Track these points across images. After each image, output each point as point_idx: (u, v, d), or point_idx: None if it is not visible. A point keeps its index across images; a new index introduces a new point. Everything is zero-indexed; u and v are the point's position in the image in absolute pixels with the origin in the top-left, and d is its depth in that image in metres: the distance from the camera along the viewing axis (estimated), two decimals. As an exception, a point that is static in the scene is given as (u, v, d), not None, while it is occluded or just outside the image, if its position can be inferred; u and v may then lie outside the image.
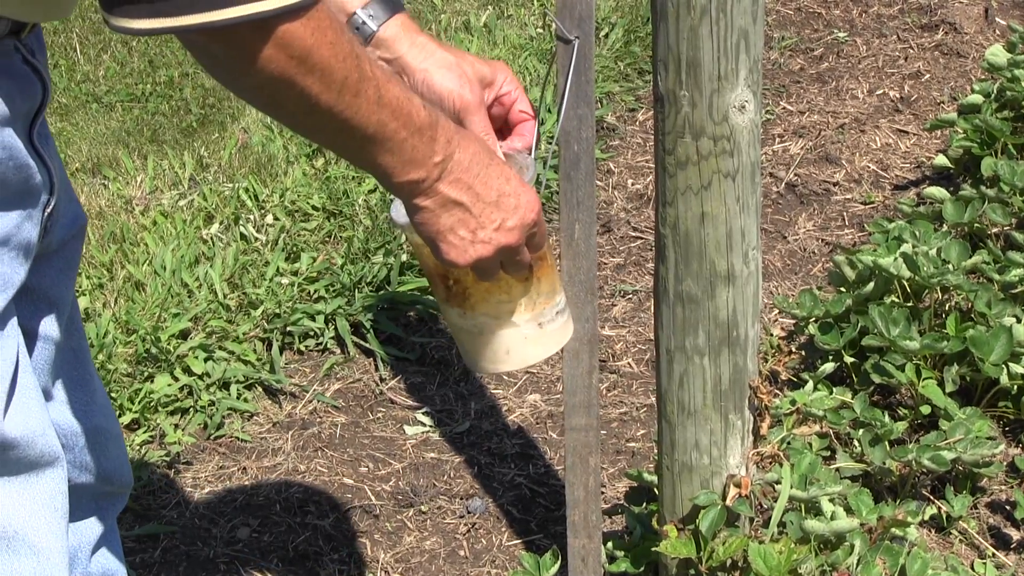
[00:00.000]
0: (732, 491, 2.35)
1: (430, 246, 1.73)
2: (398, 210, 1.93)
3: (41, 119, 1.64)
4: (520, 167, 2.00)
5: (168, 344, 3.39)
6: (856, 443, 2.93)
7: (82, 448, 1.93)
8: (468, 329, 1.98)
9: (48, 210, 1.67)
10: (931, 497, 2.90)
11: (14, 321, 1.59)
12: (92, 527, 2.00)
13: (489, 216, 1.70)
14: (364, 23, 1.85)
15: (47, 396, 1.75)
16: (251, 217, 3.94)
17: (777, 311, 3.58)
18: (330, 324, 3.58)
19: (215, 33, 1.38)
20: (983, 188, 3.60)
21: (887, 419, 2.93)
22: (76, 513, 1.91)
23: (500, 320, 1.97)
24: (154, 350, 3.36)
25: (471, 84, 1.88)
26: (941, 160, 4.04)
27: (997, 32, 4.94)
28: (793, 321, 3.44)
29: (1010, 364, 3.02)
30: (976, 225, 3.49)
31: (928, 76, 4.74)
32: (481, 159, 1.68)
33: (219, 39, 1.39)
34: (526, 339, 2.00)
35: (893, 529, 2.56)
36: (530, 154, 2.00)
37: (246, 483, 3.17)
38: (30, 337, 1.74)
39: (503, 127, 1.98)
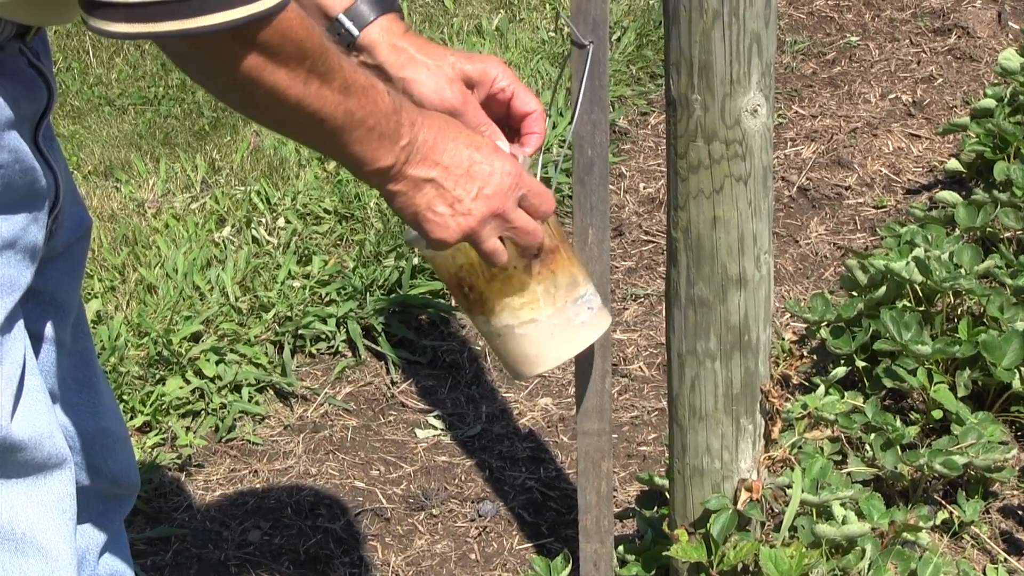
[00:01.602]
0: (743, 495, 2.35)
1: (418, 231, 1.73)
2: (408, 231, 1.93)
3: (46, 122, 1.64)
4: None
5: (180, 347, 3.39)
6: (868, 447, 2.93)
7: (89, 450, 1.93)
8: (496, 333, 1.97)
9: (54, 213, 1.67)
10: (943, 502, 2.89)
11: (21, 324, 1.59)
12: (100, 529, 2.01)
13: (464, 187, 1.70)
14: (345, 30, 1.86)
15: (53, 398, 1.76)
16: (263, 220, 3.94)
17: (789, 315, 3.58)
18: (342, 327, 3.58)
19: (190, 38, 1.39)
20: (996, 192, 3.60)
21: (899, 423, 2.92)
22: (83, 515, 1.91)
23: (521, 319, 1.96)
24: (166, 353, 3.36)
25: (452, 84, 1.89)
26: (953, 164, 4.04)
27: (1010, 36, 4.93)
28: (805, 325, 3.43)
29: (1022, 368, 3.01)
30: (988, 229, 3.49)
31: (941, 80, 4.74)
32: (446, 133, 1.69)
33: (193, 43, 1.41)
34: (552, 335, 1.98)
35: (905, 534, 2.55)
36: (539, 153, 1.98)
37: (257, 486, 3.17)
38: (37, 339, 1.74)
39: (509, 124, 1.97)
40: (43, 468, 1.62)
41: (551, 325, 1.98)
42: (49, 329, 1.79)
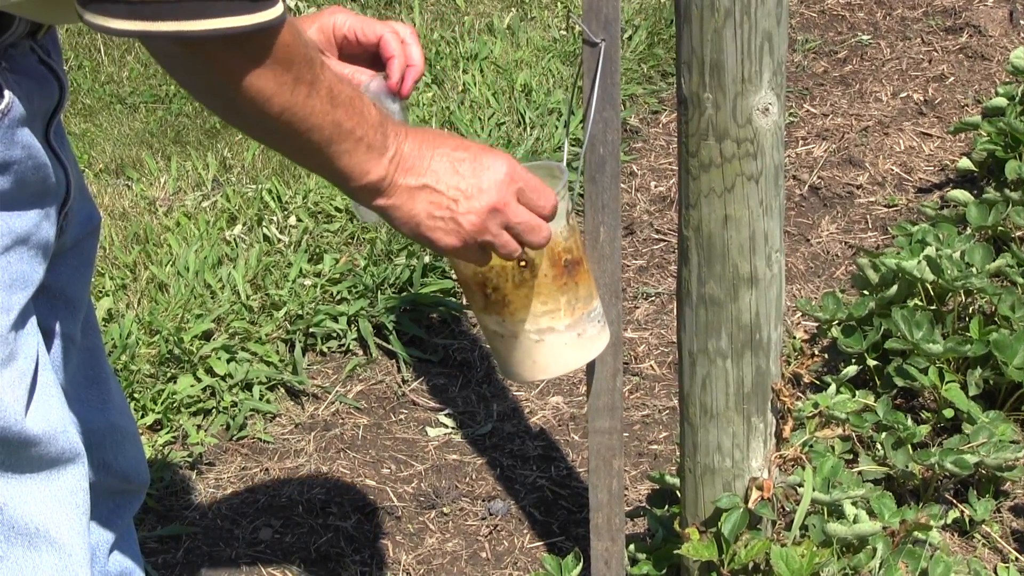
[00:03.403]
0: (754, 494, 2.35)
1: (422, 243, 1.71)
2: None
3: (58, 119, 1.65)
4: (551, 174, 2.01)
5: (191, 345, 3.40)
6: (879, 446, 2.92)
7: (99, 446, 1.94)
8: (507, 337, 1.98)
9: (64, 210, 1.67)
10: (954, 501, 2.89)
11: (34, 320, 1.60)
12: (109, 526, 2.01)
13: (457, 187, 1.68)
14: None
15: (63, 394, 1.76)
16: (274, 218, 3.94)
17: (800, 314, 3.58)
18: (352, 326, 3.58)
19: (185, 41, 1.39)
20: (1007, 191, 3.59)
21: (910, 422, 2.92)
22: (93, 512, 1.91)
23: (540, 326, 1.97)
24: (177, 351, 3.36)
25: (322, 32, 1.87)
26: (965, 163, 4.03)
27: (1022, 35, 4.92)
28: (816, 324, 3.43)
29: (1034, 368, 3.01)
30: (1000, 228, 3.48)
31: (952, 79, 4.73)
32: (431, 141, 1.67)
33: (184, 45, 1.41)
34: (566, 345, 2.00)
35: (916, 533, 2.55)
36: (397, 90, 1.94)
37: (268, 484, 3.18)
38: (47, 335, 1.75)
39: (376, 65, 1.92)
40: (57, 463, 1.62)
41: (566, 336, 1.99)
42: (60, 325, 1.80)
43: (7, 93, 1.50)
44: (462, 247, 1.72)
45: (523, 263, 1.92)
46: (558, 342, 2.00)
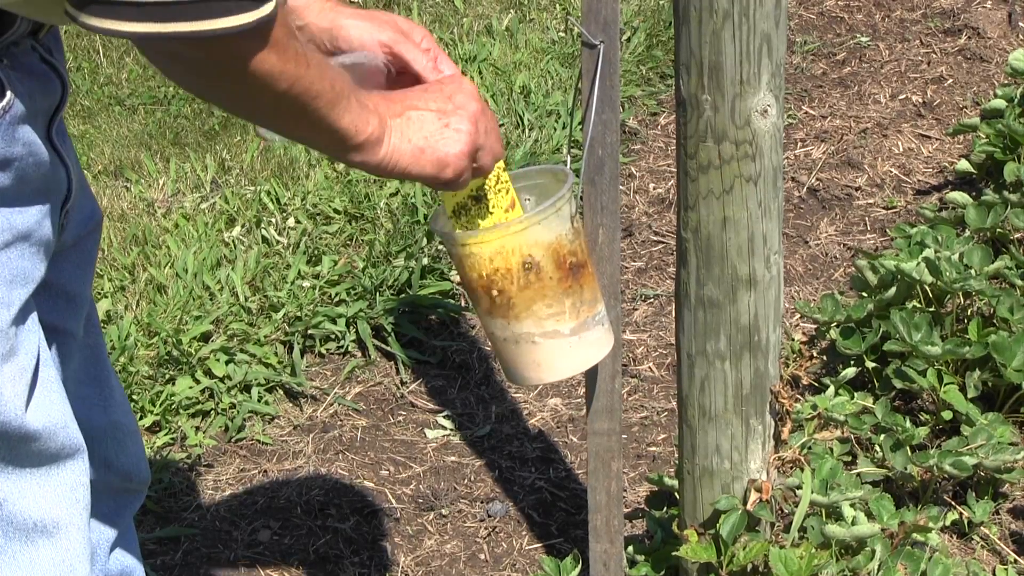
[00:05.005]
0: (753, 496, 2.35)
1: (437, 169, 1.71)
2: (438, 220, 1.94)
3: (59, 117, 1.65)
4: (555, 178, 2.02)
5: (189, 346, 3.39)
6: (877, 448, 2.92)
7: (100, 444, 1.94)
8: (512, 340, 1.99)
9: (65, 207, 1.68)
10: (952, 502, 2.89)
11: (35, 316, 1.61)
12: (110, 524, 2.01)
13: (436, 103, 1.71)
14: None
15: (64, 390, 1.76)
16: (273, 220, 3.94)
17: (799, 316, 3.58)
18: (351, 327, 3.58)
19: (194, 42, 1.39)
20: (1006, 193, 3.59)
21: (908, 424, 2.92)
22: (94, 509, 1.91)
23: (544, 329, 1.98)
24: (175, 352, 3.36)
25: (384, 29, 1.88)
26: (964, 165, 4.03)
27: (1021, 37, 4.93)
28: (815, 326, 3.43)
29: (1032, 370, 3.01)
30: (999, 230, 3.48)
31: (951, 81, 4.73)
32: (390, 92, 1.70)
33: (195, 46, 1.41)
34: (570, 347, 2.00)
35: (914, 534, 2.55)
36: None
37: (267, 486, 3.18)
38: (49, 332, 1.75)
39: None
40: (57, 458, 1.63)
41: (570, 339, 2.00)
42: (61, 322, 1.80)
43: (8, 91, 1.50)
44: (469, 152, 1.73)
45: (528, 265, 1.93)
46: (563, 345, 2.00)
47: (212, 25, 1.37)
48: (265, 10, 1.40)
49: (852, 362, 3.20)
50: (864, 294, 3.34)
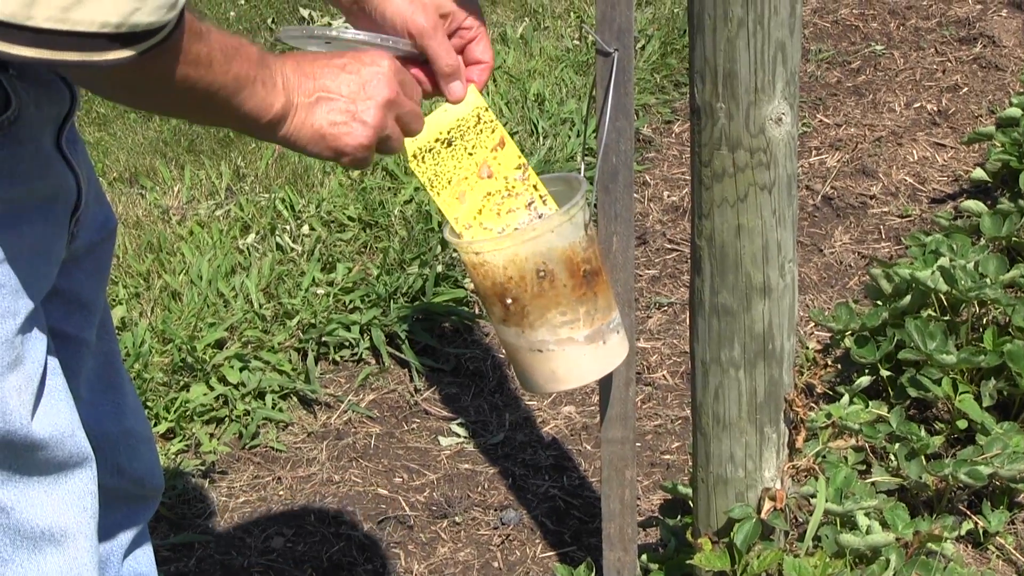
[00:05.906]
0: (767, 504, 2.34)
1: (334, 158, 1.72)
2: (448, 230, 1.94)
3: (70, 125, 1.65)
4: (569, 185, 2.02)
5: (204, 353, 3.40)
6: (892, 457, 2.92)
7: (113, 450, 1.94)
8: (527, 349, 1.99)
9: (75, 215, 1.68)
10: (968, 512, 2.88)
11: (42, 324, 1.60)
12: (124, 531, 2.01)
13: (350, 88, 1.70)
14: None
15: (78, 398, 1.76)
16: (287, 227, 3.95)
17: (813, 324, 3.57)
18: (365, 335, 3.59)
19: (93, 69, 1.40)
20: (1021, 202, 3.59)
21: (923, 433, 2.92)
22: (108, 517, 1.91)
23: (559, 337, 1.97)
24: (190, 359, 3.37)
25: (425, 9, 1.87)
26: (979, 173, 4.03)
27: (1035, 45, 4.92)
28: (829, 334, 3.43)
29: (1048, 379, 3.00)
30: (1014, 239, 3.48)
31: (966, 89, 4.73)
32: (304, 59, 1.69)
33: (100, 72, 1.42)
34: (585, 355, 2.00)
35: (929, 544, 2.54)
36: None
37: (281, 493, 3.18)
38: (63, 339, 1.75)
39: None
40: (64, 466, 1.62)
41: (585, 346, 1.99)
42: (75, 329, 1.80)
43: (14, 100, 1.50)
44: (369, 145, 1.72)
45: (542, 273, 1.93)
46: (577, 352, 2.00)
47: (101, 57, 1.38)
48: (157, 38, 1.40)
49: (867, 371, 3.19)
50: (879, 302, 3.33)
